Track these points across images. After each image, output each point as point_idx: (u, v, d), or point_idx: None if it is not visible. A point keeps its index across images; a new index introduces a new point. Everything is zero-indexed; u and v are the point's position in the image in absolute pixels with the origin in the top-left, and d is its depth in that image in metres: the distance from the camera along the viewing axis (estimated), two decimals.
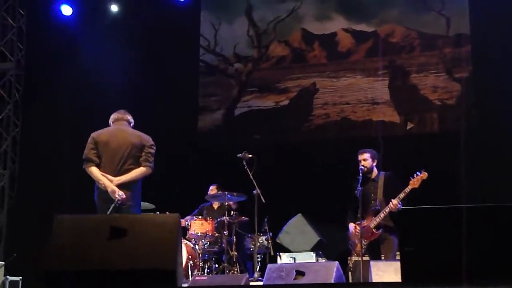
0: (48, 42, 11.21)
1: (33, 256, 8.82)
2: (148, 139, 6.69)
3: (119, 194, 6.30)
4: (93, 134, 6.64)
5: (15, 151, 11.20)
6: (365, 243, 7.14)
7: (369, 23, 10.71)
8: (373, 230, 7.19)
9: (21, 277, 8.72)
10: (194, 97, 11.25)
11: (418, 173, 6.96)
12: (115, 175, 6.44)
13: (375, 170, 7.45)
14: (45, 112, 11.04)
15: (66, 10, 10.98)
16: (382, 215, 7.13)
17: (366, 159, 7.38)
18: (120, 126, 6.78)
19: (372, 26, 10.71)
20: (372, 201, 7.29)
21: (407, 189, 6.97)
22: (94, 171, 6.45)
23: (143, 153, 6.57)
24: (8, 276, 8.51)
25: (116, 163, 6.49)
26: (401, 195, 6.99)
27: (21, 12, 11.38)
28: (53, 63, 11.14)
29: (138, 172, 6.53)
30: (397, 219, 6.94)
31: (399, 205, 6.97)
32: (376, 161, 7.45)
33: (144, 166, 6.54)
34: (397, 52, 10.56)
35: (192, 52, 11.36)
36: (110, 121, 6.86)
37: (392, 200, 7.03)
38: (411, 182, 6.97)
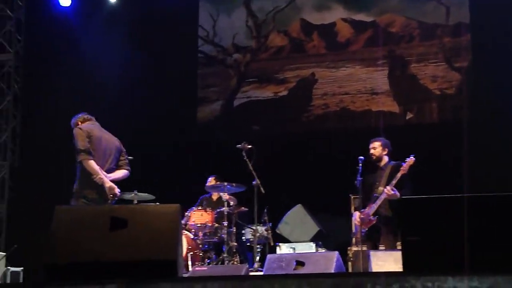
0: (47, 33, 11.17)
1: (34, 247, 8.82)
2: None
3: (118, 190, 6.51)
4: (84, 127, 6.56)
5: (15, 143, 11.17)
6: (364, 231, 7.23)
7: (368, 12, 10.68)
8: (371, 216, 7.27)
9: (22, 268, 8.74)
10: (193, 88, 11.23)
11: (407, 159, 7.14)
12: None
13: (385, 158, 7.52)
14: (44, 103, 11.02)
15: (65, 1, 10.94)
16: (378, 202, 7.23)
17: (375, 148, 7.52)
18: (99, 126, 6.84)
19: (372, 16, 10.68)
20: (375, 189, 7.36)
21: (398, 175, 7.12)
22: (93, 164, 6.38)
23: (122, 158, 6.79)
24: (9, 267, 8.54)
25: (105, 160, 6.58)
26: (393, 182, 7.12)
27: (19, 3, 11.33)
28: (52, 54, 11.11)
29: (123, 173, 6.74)
30: (397, 208, 6.99)
31: (393, 192, 7.05)
32: (387, 150, 7.53)
33: (126, 170, 6.77)
34: (397, 42, 10.53)
35: (191, 43, 11.33)
36: (77, 121, 6.74)
37: (387, 186, 7.11)
38: (401, 168, 7.14)
